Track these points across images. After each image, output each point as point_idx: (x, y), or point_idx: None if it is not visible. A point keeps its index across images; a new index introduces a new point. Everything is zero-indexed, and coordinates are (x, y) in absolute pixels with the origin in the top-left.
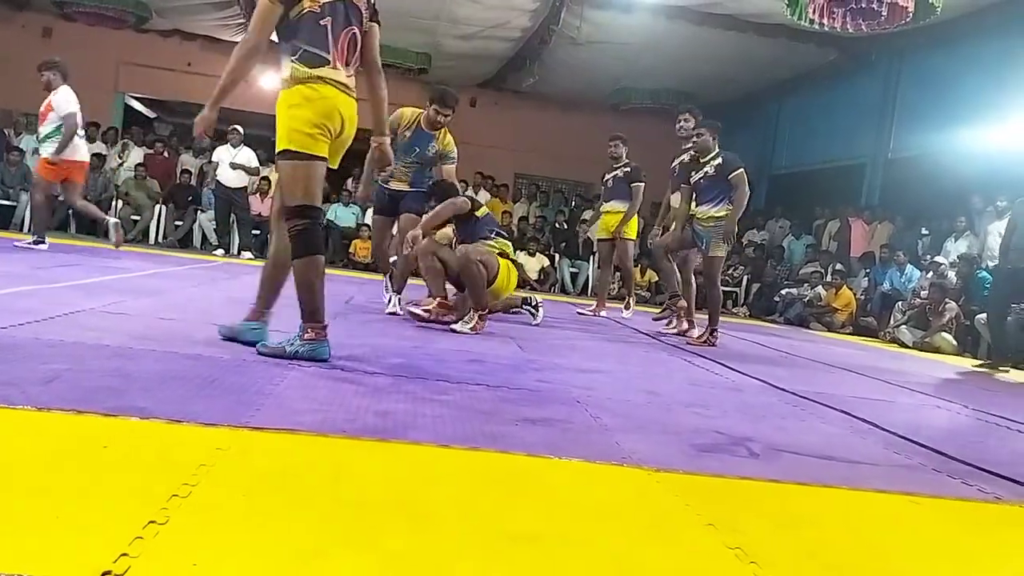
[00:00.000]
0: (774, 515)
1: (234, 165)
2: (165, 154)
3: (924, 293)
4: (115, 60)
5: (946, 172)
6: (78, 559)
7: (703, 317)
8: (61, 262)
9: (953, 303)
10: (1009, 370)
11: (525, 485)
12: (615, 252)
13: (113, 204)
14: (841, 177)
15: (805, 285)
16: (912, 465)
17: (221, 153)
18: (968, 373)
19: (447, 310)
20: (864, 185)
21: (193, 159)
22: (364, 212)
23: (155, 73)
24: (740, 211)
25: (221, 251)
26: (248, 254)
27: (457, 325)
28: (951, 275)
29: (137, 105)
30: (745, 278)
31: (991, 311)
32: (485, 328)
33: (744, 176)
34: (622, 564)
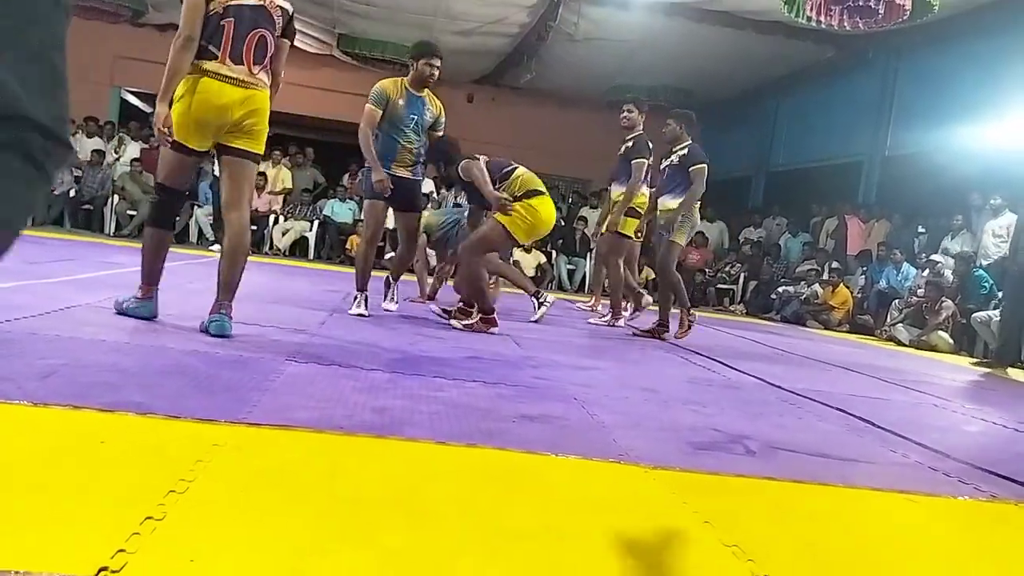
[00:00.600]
0: (771, 512)
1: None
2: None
3: (921, 291)
4: (111, 54)
5: (943, 170)
6: (75, 555)
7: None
8: (56, 257)
9: (950, 301)
10: (1007, 370)
11: (522, 482)
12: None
13: (110, 199)
14: (838, 175)
15: (802, 283)
16: (909, 463)
17: None
18: (965, 371)
19: (490, 324)
20: (861, 183)
21: None
22: (360, 208)
23: (151, 67)
24: (690, 205)
25: (217, 246)
26: None
27: (454, 321)
28: (948, 273)
29: (133, 100)
30: (742, 276)
31: (1006, 313)
32: (487, 330)
33: (704, 171)
34: (619, 561)
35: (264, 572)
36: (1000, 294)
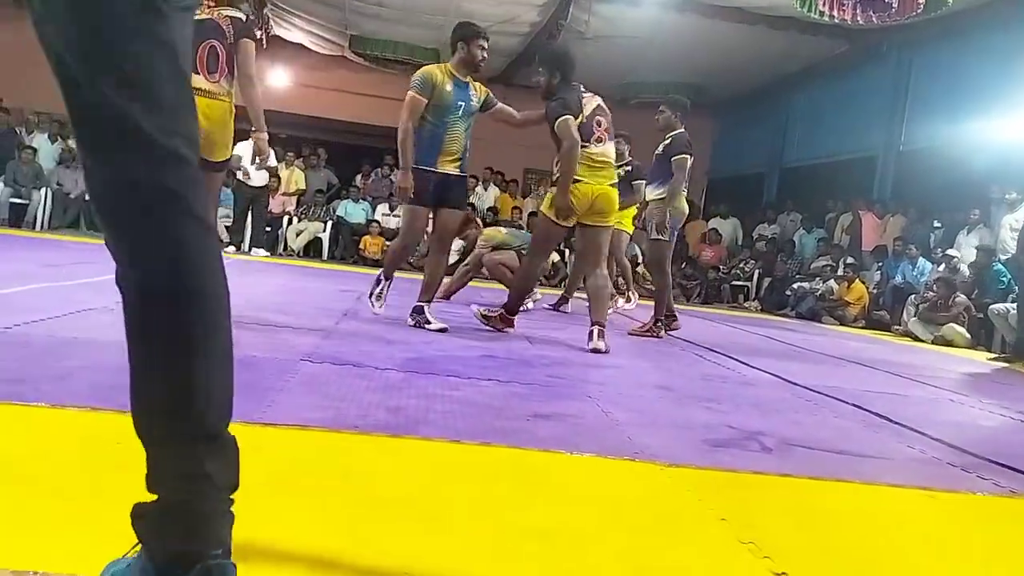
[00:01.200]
0: (787, 510)
1: (261, 166)
2: None
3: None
4: None
5: (958, 164)
6: (92, 555)
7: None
8: (73, 259)
9: (963, 296)
10: None
11: (537, 480)
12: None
13: None
14: (853, 170)
15: (817, 279)
16: (927, 459)
17: (242, 149)
18: (982, 366)
19: (507, 324)
20: (876, 178)
21: None
22: (374, 208)
23: None
24: (673, 199)
25: (232, 248)
26: (262, 251)
27: (474, 306)
28: (964, 268)
29: None
30: (756, 273)
31: (1022, 306)
32: (501, 328)
33: (685, 162)
34: (635, 559)
35: (279, 572)
36: (1018, 288)
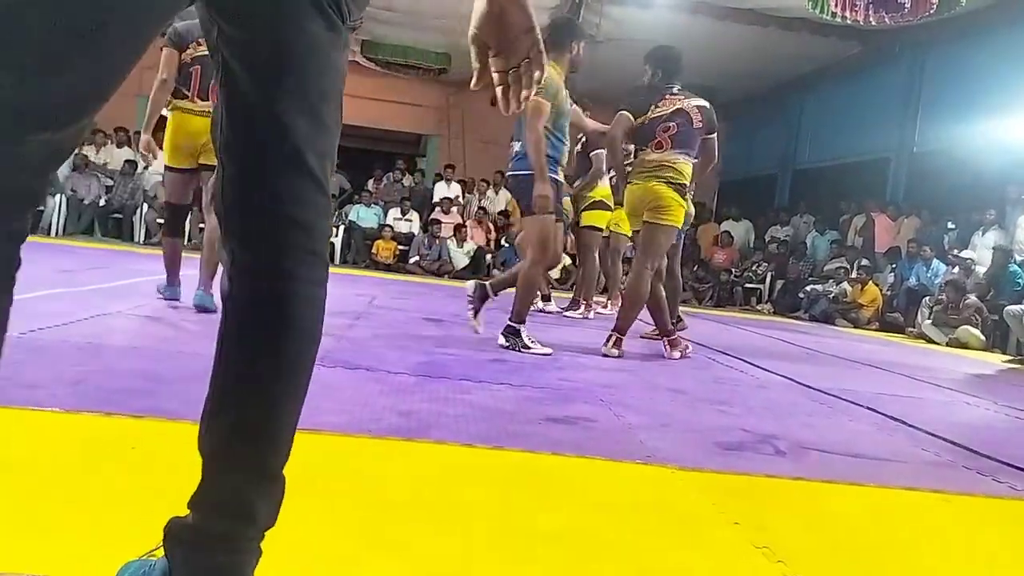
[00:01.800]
0: (801, 513)
1: None
2: None
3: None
4: (139, 65)
5: (973, 165)
6: (105, 560)
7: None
8: (88, 265)
9: (973, 298)
10: None
11: (549, 484)
12: (608, 247)
13: (139, 208)
14: (866, 172)
15: (830, 281)
16: (941, 462)
17: None
18: (997, 368)
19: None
20: (889, 179)
21: None
22: (386, 213)
23: None
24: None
25: None
26: None
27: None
28: (979, 270)
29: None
30: (769, 275)
31: None
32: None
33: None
34: (647, 563)
35: (292, 574)
36: None
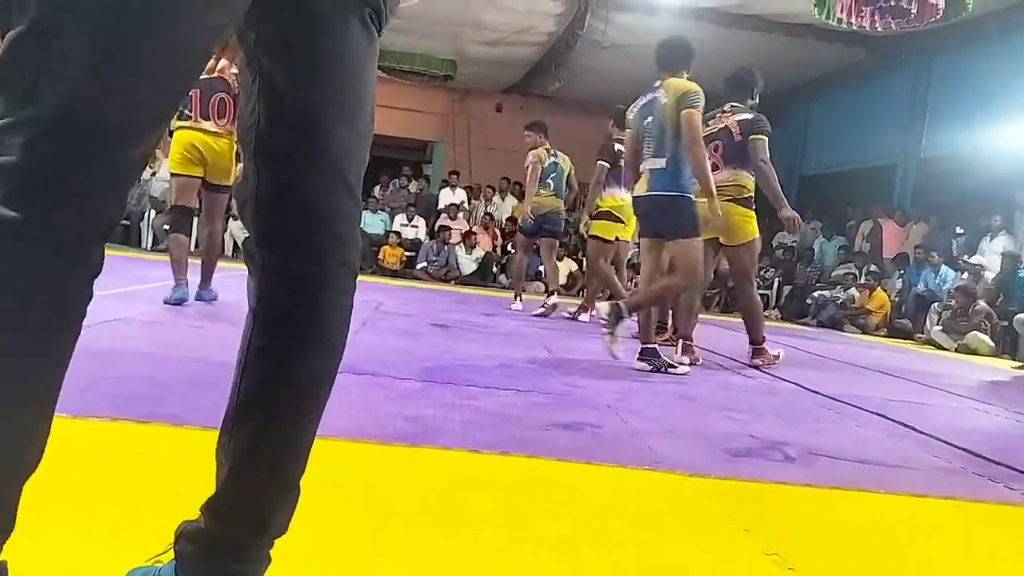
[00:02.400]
0: (811, 520)
1: None
2: None
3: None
4: None
5: (980, 171)
6: (111, 566)
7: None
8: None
9: (983, 304)
10: None
11: (556, 490)
12: (602, 256)
13: (146, 214)
14: (873, 178)
15: (838, 287)
16: (952, 469)
17: None
18: (1006, 375)
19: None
20: (896, 185)
21: None
22: (392, 219)
23: None
24: None
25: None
26: None
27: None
28: (988, 275)
29: None
30: (776, 281)
31: None
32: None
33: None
34: (656, 570)
35: None
36: None
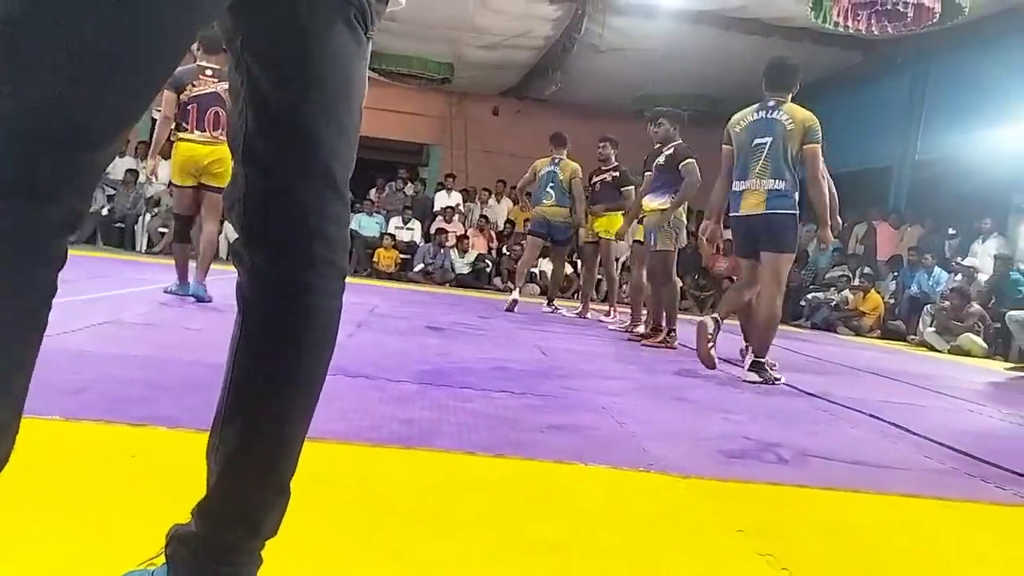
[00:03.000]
0: (805, 521)
1: None
2: None
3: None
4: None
5: (975, 174)
6: (106, 569)
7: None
8: (89, 274)
9: (977, 306)
10: None
11: (551, 492)
12: (599, 255)
13: (141, 217)
14: (868, 180)
15: (832, 289)
16: (944, 469)
17: None
18: (999, 376)
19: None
20: (891, 188)
21: None
22: (387, 221)
23: None
24: (683, 201)
25: None
26: None
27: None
28: (981, 278)
29: None
30: None
31: None
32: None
33: (695, 166)
34: (650, 571)
35: None
36: None
